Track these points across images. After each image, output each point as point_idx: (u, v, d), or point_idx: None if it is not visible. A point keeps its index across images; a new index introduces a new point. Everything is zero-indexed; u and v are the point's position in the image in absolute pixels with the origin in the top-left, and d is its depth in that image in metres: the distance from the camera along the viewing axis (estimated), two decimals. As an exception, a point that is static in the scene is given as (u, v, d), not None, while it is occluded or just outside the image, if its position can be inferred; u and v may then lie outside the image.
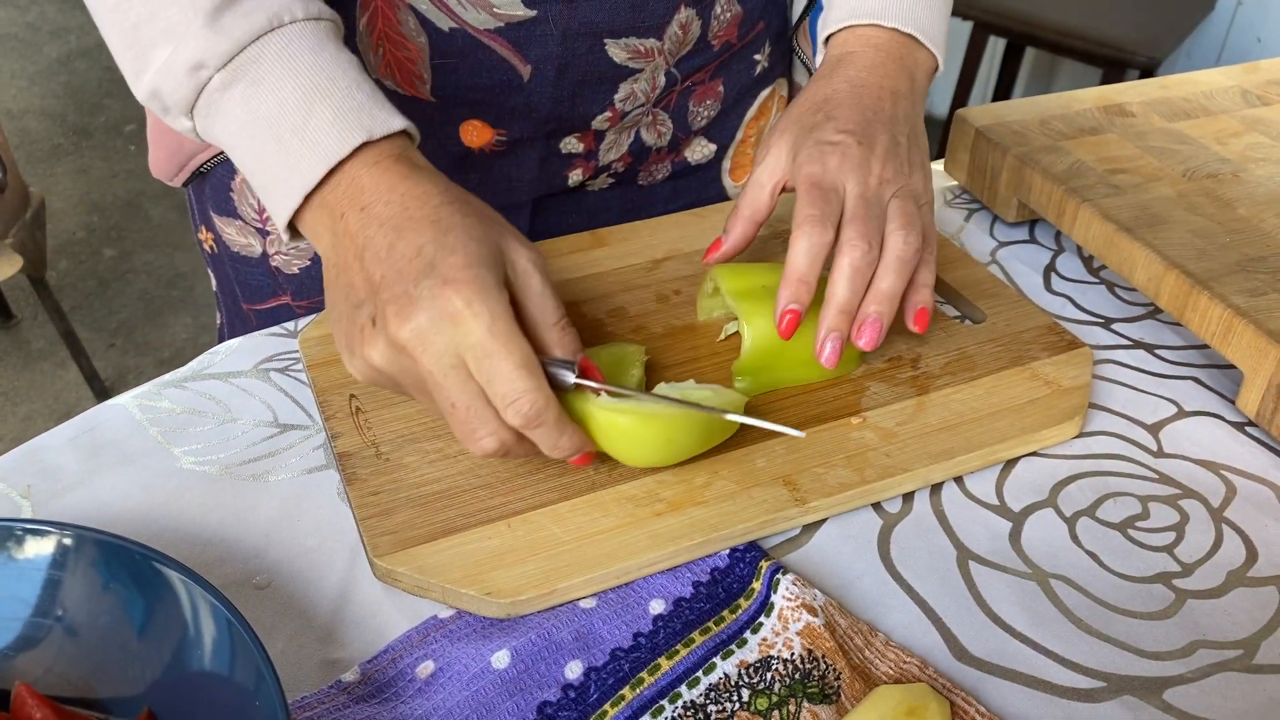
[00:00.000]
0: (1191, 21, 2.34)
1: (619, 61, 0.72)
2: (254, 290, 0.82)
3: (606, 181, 0.82)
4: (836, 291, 0.58)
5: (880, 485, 0.58)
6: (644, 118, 0.78)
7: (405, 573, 0.52)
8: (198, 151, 0.76)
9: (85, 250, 2.66)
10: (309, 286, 0.80)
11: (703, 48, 0.76)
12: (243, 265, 0.81)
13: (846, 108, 0.63)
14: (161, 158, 0.79)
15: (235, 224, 0.79)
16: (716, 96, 0.81)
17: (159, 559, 0.46)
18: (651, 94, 0.76)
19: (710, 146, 0.85)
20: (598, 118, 0.75)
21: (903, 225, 0.59)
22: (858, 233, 0.58)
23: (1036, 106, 0.85)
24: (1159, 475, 0.61)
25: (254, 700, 0.42)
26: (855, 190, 0.59)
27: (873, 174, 0.60)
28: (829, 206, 0.59)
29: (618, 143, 0.79)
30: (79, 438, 0.62)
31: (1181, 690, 0.50)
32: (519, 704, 0.48)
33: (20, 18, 3.83)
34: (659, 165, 0.84)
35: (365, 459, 0.58)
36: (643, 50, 0.72)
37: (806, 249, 0.58)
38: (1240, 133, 0.82)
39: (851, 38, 0.67)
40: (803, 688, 0.49)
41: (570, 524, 0.55)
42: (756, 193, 0.64)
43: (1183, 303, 0.66)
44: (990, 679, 0.50)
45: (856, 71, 0.65)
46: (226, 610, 0.44)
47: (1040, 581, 0.55)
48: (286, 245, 0.77)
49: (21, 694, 0.43)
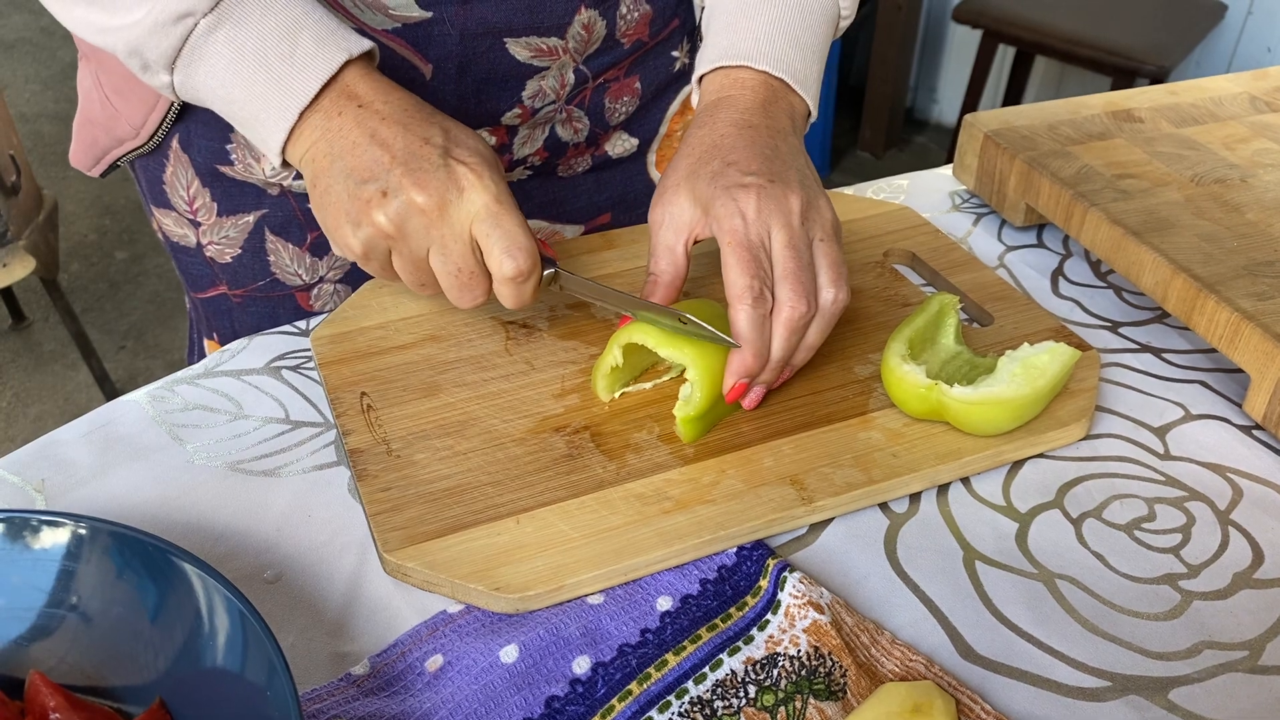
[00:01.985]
0: (1201, 30, 2.34)
1: (522, 60, 0.72)
2: (195, 279, 0.84)
3: (524, 174, 0.82)
4: (774, 348, 0.59)
5: (887, 485, 0.58)
6: (558, 114, 0.78)
7: (415, 568, 0.53)
8: (113, 147, 0.77)
9: (97, 253, 2.68)
10: (242, 275, 0.81)
11: (611, 46, 0.76)
12: (183, 255, 0.83)
13: (741, 150, 0.62)
14: (79, 149, 0.81)
15: (171, 215, 0.81)
16: (634, 93, 0.81)
17: (172, 551, 0.46)
18: (562, 91, 0.76)
19: (631, 141, 0.84)
20: (507, 114, 0.75)
21: (833, 280, 0.60)
22: (795, 292, 0.58)
23: (1045, 112, 0.85)
24: (1166, 478, 0.61)
25: (265, 691, 0.42)
26: (782, 238, 0.59)
27: (794, 213, 0.59)
28: (761, 270, 0.58)
29: (531, 138, 0.79)
30: (92, 433, 0.62)
31: (1187, 690, 0.50)
32: (527, 698, 0.48)
33: (34, 23, 3.86)
34: (578, 159, 0.83)
35: (376, 455, 0.59)
36: (545, 49, 0.72)
37: (748, 321, 0.58)
38: (1248, 138, 0.82)
39: (726, 80, 0.66)
40: (809, 684, 0.49)
41: (578, 521, 0.55)
42: (670, 257, 0.62)
43: (1190, 306, 0.66)
44: (996, 677, 0.50)
45: (739, 114, 0.64)
46: (239, 602, 0.44)
47: (1046, 582, 0.55)
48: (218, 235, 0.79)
49: (35, 682, 0.44)
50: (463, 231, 0.57)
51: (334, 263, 0.81)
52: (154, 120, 0.73)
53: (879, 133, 3.09)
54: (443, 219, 0.57)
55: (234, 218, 0.78)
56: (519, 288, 0.59)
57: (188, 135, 0.75)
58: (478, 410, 0.62)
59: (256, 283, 0.81)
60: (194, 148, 0.75)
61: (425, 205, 0.56)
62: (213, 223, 0.79)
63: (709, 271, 0.74)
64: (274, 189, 0.77)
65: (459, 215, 0.57)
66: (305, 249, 0.80)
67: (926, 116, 3.30)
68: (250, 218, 0.78)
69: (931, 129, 3.28)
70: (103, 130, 0.77)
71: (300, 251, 0.80)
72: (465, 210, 0.57)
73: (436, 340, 0.67)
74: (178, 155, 0.76)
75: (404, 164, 0.56)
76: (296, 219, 0.78)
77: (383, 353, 0.66)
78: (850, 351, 0.67)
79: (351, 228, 0.58)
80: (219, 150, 0.74)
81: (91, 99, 0.78)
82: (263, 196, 0.77)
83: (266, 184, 0.76)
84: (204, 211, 0.78)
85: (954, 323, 0.65)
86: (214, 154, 0.75)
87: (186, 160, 0.76)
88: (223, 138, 0.74)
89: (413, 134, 0.57)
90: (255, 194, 0.77)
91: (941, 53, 3.15)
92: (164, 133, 0.74)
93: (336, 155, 0.58)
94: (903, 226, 0.79)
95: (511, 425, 0.61)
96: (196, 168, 0.76)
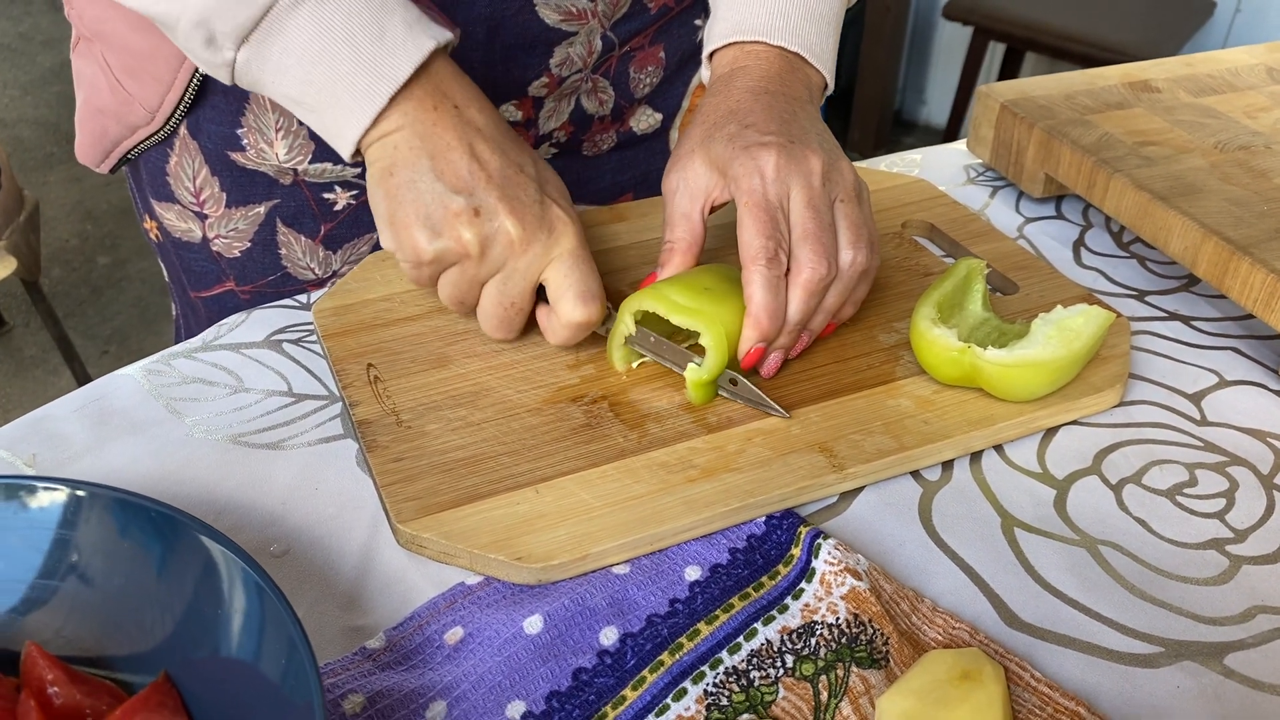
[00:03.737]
0: (1190, 27, 2.34)
1: (551, 24, 0.70)
2: (199, 277, 0.80)
3: (549, 152, 0.80)
4: (790, 312, 0.57)
5: (920, 452, 0.56)
6: (583, 84, 0.76)
7: (431, 538, 0.50)
8: (125, 136, 0.74)
9: (78, 258, 2.64)
10: (251, 270, 0.78)
11: (639, 10, 0.74)
12: (185, 251, 0.79)
13: (759, 114, 0.60)
14: (87, 143, 0.77)
15: (174, 209, 0.77)
16: (658, 63, 0.79)
17: (178, 515, 0.43)
18: (589, 59, 0.74)
19: (656, 116, 0.82)
20: (534, 83, 0.73)
21: (852, 242, 0.58)
22: (815, 253, 0.56)
23: (1061, 83, 0.83)
24: (1204, 443, 0.59)
25: (282, 661, 0.39)
26: (801, 198, 0.57)
27: (814, 173, 0.57)
28: (777, 230, 0.56)
29: (557, 110, 0.76)
30: (86, 407, 0.59)
31: (1243, 655, 0.48)
32: (553, 670, 0.46)
33: (13, 28, 3.81)
34: (604, 135, 0.81)
35: (385, 426, 0.56)
36: (575, 11, 0.70)
37: (763, 283, 0.56)
38: (1269, 107, 0.80)
39: (740, 54, 0.64)
40: (850, 652, 0.47)
41: (600, 490, 0.53)
42: (686, 224, 0.60)
43: (1222, 270, 0.64)
44: (1043, 644, 0.48)
45: (754, 82, 0.62)
46: (254, 571, 0.41)
47: (1089, 548, 0.53)
48: (226, 228, 0.75)
49: (33, 654, 0.41)
50: (535, 269, 0.57)
51: (348, 257, 0.78)
52: (170, 101, 0.69)
53: (868, 134, 3.08)
54: (525, 253, 0.56)
55: (244, 208, 0.75)
56: (580, 333, 0.59)
57: (196, 121, 0.71)
58: (490, 381, 0.60)
59: (266, 277, 0.78)
60: (203, 133, 0.71)
61: (516, 237, 0.55)
62: (221, 214, 0.75)
63: (724, 243, 0.72)
64: (286, 177, 0.73)
65: (540, 253, 0.56)
66: (318, 241, 0.76)
67: (915, 118, 3.30)
68: (261, 208, 0.75)
69: (920, 130, 3.27)
70: (113, 118, 0.73)
71: (313, 244, 0.76)
72: (549, 251, 0.57)
73: (444, 312, 0.65)
74: (185, 143, 0.73)
75: (501, 188, 0.55)
76: (310, 210, 0.75)
77: (389, 324, 0.64)
78: (873, 320, 0.65)
79: (428, 233, 0.55)
80: (230, 135, 0.71)
81: (98, 86, 0.73)
82: (274, 186, 0.74)
83: (279, 172, 0.73)
84: (211, 203, 0.75)
85: (981, 288, 0.63)
86: (225, 139, 0.71)
87: (195, 148, 0.72)
88: (234, 122, 0.70)
89: (509, 159, 0.57)
90: (267, 183, 0.74)
91: (929, 54, 3.15)
92: (179, 117, 0.70)
93: (427, 152, 0.55)
94: (920, 198, 0.77)
95: (526, 395, 0.59)
96: (206, 154, 0.72)
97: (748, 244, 0.56)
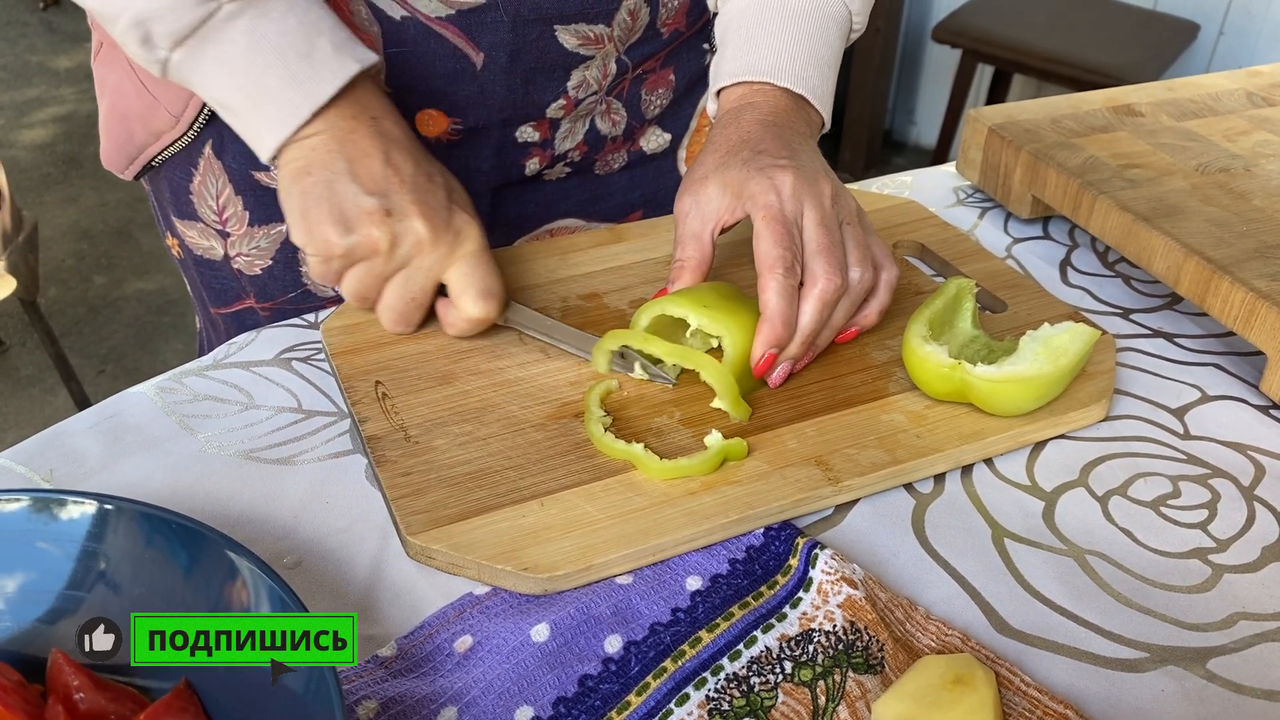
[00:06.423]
0: (1175, 50, 2.38)
1: (570, 48, 0.73)
2: (219, 294, 0.82)
3: (564, 171, 0.82)
4: (804, 321, 0.60)
5: (912, 465, 0.58)
6: (598, 106, 0.79)
7: (440, 550, 0.52)
8: (149, 143, 0.75)
9: (75, 278, 2.65)
10: (271, 288, 0.79)
11: (652, 35, 0.77)
12: (206, 269, 0.81)
13: (770, 142, 0.63)
14: (112, 149, 0.78)
15: (196, 226, 0.78)
16: (668, 85, 0.82)
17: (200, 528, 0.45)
18: (604, 81, 0.77)
19: (665, 136, 0.85)
20: (552, 105, 0.76)
21: (859, 260, 0.62)
22: (829, 265, 0.60)
23: (1047, 107, 0.85)
24: (1188, 456, 0.61)
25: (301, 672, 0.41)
26: (814, 217, 0.60)
27: (825, 195, 0.61)
28: (793, 243, 0.60)
29: (573, 131, 0.79)
30: (100, 423, 0.61)
31: (1225, 660, 0.49)
32: (559, 677, 0.47)
33: (9, 49, 3.83)
34: (615, 155, 0.84)
35: (394, 442, 0.58)
36: (592, 37, 0.73)
37: (779, 290, 0.59)
38: (1248, 131, 0.83)
39: (748, 91, 0.68)
40: (847, 658, 0.48)
41: (603, 502, 0.55)
42: (696, 244, 0.63)
43: (1204, 289, 0.66)
44: (1033, 651, 0.50)
45: (764, 115, 0.66)
46: (274, 581, 0.43)
47: (1077, 557, 0.55)
48: (248, 247, 0.77)
49: (58, 662, 0.42)
50: (439, 268, 0.62)
51: None
52: (195, 104, 0.71)
53: (858, 155, 3.11)
54: (432, 252, 0.61)
55: (266, 227, 0.77)
56: (477, 327, 0.64)
57: (221, 141, 0.73)
58: (495, 397, 0.62)
59: (287, 295, 0.79)
60: (228, 153, 0.73)
61: (425, 236, 0.60)
62: (243, 233, 0.77)
63: (728, 263, 0.74)
64: None
65: (445, 253, 0.61)
66: None
67: (904, 139, 3.33)
68: (283, 227, 0.76)
69: (910, 150, 3.31)
70: (139, 123, 0.75)
71: None
72: (454, 251, 0.62)
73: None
74: (209, 162, 0.74)
75: (414, 192, 0.60)
76: None
77: (395, 343, 0.65)
78: (866, 338, 0.67)
79: (340, 229, 0.59)
80: (254, 154, 0.73)
81: (124, 91, 0.75)
82: None
83: None
84: (234, 221, 0.76)
85: (971, 306, 0.65)
86: (249, 158, 0.73)
87: (219, 167, 0.74)
88: None
89: (421, 168, 0.61)
90: None
91: (919, 76, 3.19)
92: (203, 121, 0.72)
93: (344, 156, 0.60)
94: (910, 219, 0.80)
95: (530, 411, 0.61)
96: (230, 174, 0.74)
97: (765, 254, 0.59)
